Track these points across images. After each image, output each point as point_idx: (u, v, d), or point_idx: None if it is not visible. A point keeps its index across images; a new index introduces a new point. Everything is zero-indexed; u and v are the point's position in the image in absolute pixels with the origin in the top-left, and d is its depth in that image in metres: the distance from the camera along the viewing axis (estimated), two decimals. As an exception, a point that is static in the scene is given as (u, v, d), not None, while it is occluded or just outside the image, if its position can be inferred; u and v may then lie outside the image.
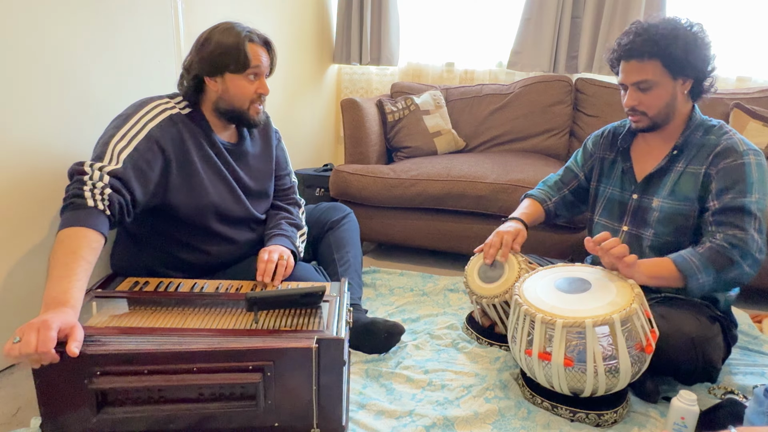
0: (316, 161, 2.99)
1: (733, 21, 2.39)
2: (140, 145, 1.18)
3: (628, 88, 1.31)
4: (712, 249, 1.21)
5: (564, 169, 1.63)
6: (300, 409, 1.00)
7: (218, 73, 1.27)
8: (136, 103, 1.26)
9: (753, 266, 1.20)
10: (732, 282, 1.22)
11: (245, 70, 1.27)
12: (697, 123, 1.32)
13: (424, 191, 2.07)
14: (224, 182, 1.36)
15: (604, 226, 1.47)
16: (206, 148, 1.32)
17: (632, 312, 1.10)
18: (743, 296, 1.88)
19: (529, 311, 1.17)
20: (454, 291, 1.86)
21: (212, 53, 1.25)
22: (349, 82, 3.11)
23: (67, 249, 1.01)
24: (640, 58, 1.26)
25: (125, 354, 0.93)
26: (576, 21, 2.53)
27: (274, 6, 2.44)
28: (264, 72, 1.33)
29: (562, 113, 2.49)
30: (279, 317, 1.10)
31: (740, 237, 1.20)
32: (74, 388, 0.93)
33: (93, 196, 1.08)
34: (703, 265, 1.19)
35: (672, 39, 1.23)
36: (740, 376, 1.38)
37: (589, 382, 1.12)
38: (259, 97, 1.33)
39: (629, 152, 1.44)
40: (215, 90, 1.29)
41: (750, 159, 1.24)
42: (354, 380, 1.33)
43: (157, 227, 1.32)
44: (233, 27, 1.28)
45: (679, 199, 1.31)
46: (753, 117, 2.18)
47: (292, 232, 1.46)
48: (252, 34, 1.29)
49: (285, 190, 1.58)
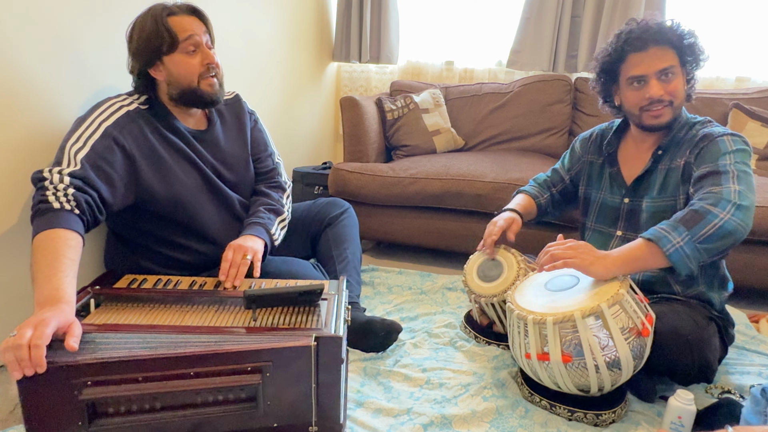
0: (315, 159, 2.99)
1: (732, 21, 2.40)
2: (96, 144, 1.17)
3: (650, 80, 1.26)
4: (683, 211, 1.16)
5: (552, 170, 1.63)
6: (298, 408, 1.00)
7: (155, 60, 1.23)
8: (93, 105, 1.24)
9: (736, 214, 1.11)
10: (717, 236, 1.10)
11: (177, 45, 1.22)
12: (682, 122, 1.33)
13: (423, 190, 2.07)
14: (194, 167, 1.33)
15: (599, 232, 1.47)
16: (170, 136, 1.29)
17: (619, 297, 1.10)
18: (741, 296, 1.89)
19: (521, 315, 1.17)
20: (453, 289, 1.87)
21: (139, 44, 1.22)
22: (349, 80, 3.11)
23: (46, 251, 0.99)
24: (660, 45, 1.24)
25: (117, 362, 0.90)
26: (576, 20, 2.53)
27: (274, 4, 2.43)
28: (202, 41, 1.25)
29: (562, 112, 2.49)
30: (277, 315, 1.09)
31: (714, 191, 1.15)
32: (63, 400, 0.88)
33: (57, 199, 1.07)
34: (672, 227, 1.13)
35: (679, 30, 1.25)
36: (737, 376, 1.38)
37: (592, 376, 1.12)
38: (208, 69, 1.27)
39: (616, 156, 1.43)
40: (162, 78, 1.26)
41: (725, 138, 1.24)
42: (352, 378, 1.33)
43: (143, 228, 1.31)
44: (150, 9, 1.23)
45: (666, 195, 1.32)
46: (752, 117, 2.18)
47: (269, 219, 1.42)
48: (172, 7, 1.23)
49: (268, 172, 1.53)
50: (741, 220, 1.11)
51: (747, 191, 1.15)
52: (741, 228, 1.11)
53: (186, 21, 1.24)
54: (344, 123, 2.35)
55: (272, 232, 1.40)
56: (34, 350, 0.83)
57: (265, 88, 2.42)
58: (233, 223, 1.42)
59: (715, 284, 1.34)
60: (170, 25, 1.22)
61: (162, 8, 1.23)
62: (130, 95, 1.30)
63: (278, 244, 1.44)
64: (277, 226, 1.44)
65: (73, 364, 0.87)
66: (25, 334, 0.83)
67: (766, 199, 1.76)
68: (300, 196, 2.48)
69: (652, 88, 1.27)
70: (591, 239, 1.50)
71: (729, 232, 1.11)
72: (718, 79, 2.49)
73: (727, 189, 1.14)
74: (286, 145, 2.64)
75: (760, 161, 2.15)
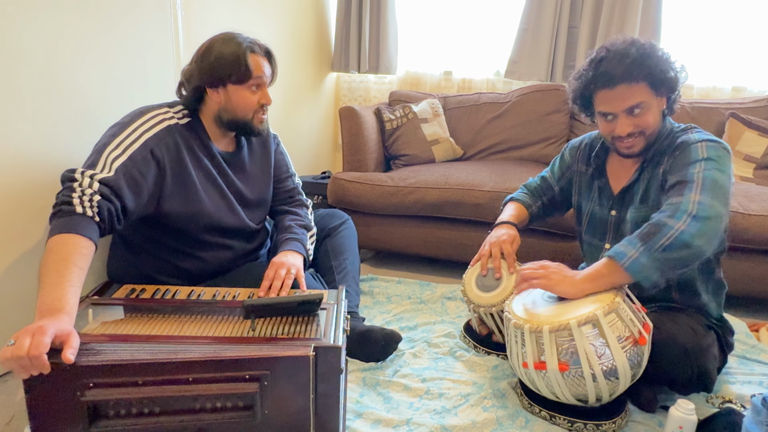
0: (314, 169, 2.99)
1: (729, 31, 2.42)
2: (135, 155, 1.18)
3: (618, 116, 1.24)
4: (644, 226, 1.15)
5: (541, 178, 1.62)
6: (296, 418, 1.00)
7: (220, 84, 1.27)
8: (135, 112, 1.26)
9: (692, 224, 1.08)
10: (674, 247, 1.08)
11: (247, 81, 1.27)
12: (666, 132, 1.30)
13: (422, 199, 2.07)
14: (219, 191, 1.36)
15: (590, 243, 1.47)
16: (202, 158, 1.32)
17: (615, 305, 1.10)
18: (740, 305, 1.88)
19: (518, 323, 1.17)
20: (452, 299, 1.86)
21: (213, 64, 1.25)
22: (348, 90, 3.12)
23: (58, 256, 1.00)
24: (629, 82, 1.20)
25: (119, 365, 0.91)
26: (573, 31, 2.55)
27: (274, 14, 2.45)
28: (266, 82, 1.32)
29: (559, 122, 2.50)
30: (276, 325, 1.09)
31: (673, 202, 1.14)
32: (66, 400, 0.90)
33: (81, 203, 1.08)
34: (628, 241, 1.14)
35: (653, 59, 1.21)
36: (738, 385, 1.38)
37: (589, 385, 1.11)
38: (262, 108, 1.33)
39: (604, 168, 1.42)
40: (217, 101, 1.29)
41: (699, 144, 1.21)
42: (351, 388, 1.33)
43: (151, 235, 1.32)
44: (235, 37, 1.27)
45: (647, 205, 1.31)
46: (748, 126, 2.19)
47: (303, 234, 1.46)
48: (254, 45, 1.29)
49: (289, 191, 1.57)
50: (698, 231, 1.08)
51: (711, 201, 1.11)
52: (698, 239, 1.08)
53: (262, 61, 1.30)
54: (343, 133, 2.36)
55: (307, 247, 1.44)
56: (35, 360, 0.84)
57: (265, 98, 2.44)
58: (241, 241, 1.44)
59: (710, 288, 1.33)
60: (249, 60, 1.26)
61: (247, 42, 1.27)
62: (170, 107, 1.31)
63: (311, 259, 1.47)
64: (309, 241, 1.48)
65: (76, 365, 0.89)
66: (24, 343, 0.84)
67: (764, 208, 1.76)
68: (299, 205, 2.48)
69: (620, 125, 1.24)
70: (586, 252, 1.51)
71: (685, 243, 1.08)
72: (714, 88, 2.51)
73: (686, 200, 1.12)
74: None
75: (758, 170, 2.16)
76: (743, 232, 1.73)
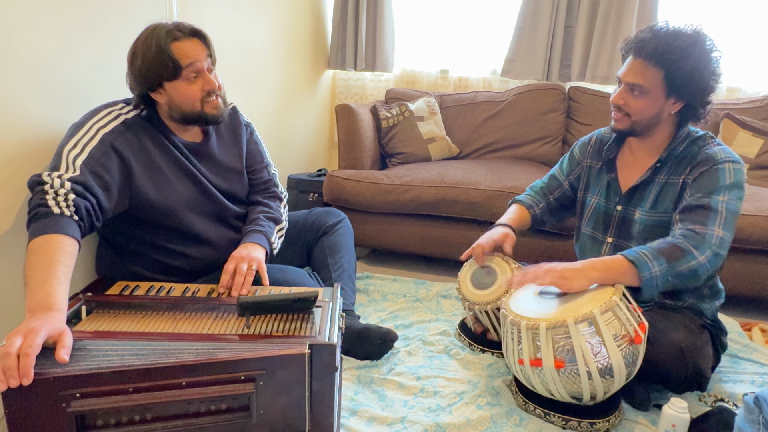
0: (310, 166, 2.99)
1: (724, 33, 2.42)
2: (94, 151, 1.16)
3: (622, 85, 1.29)
4: (666, 242, 1.19)
5: (549, 176, 1.62)
6: (291, 417, 0.99)
7: (157, 86, 1.23)
8: (89, 111, 1.24)
9: (711, 260, 1.15)
10: (687, 275, 1.16)
11: (180, 73, 1.21)
12: (683, 136, 1.31)
13: (418, 197, 2.07)
14: (191, 178, 1.33)
15: (590, 236, 1.47)
16: (168, 147, 1.29)
17: (612, 304, 1.11)
18: (733, 304, 1.90)
19: (515, 320, 1.18)
20: (447, 297, 1.86)
21: (141, 69, 1.21)
22: (344, 87, 3.12)
23: (42, 256, 0.98)
24: (647, 61, 1.22)
25: (107, 373, 0.87)
26: (569, 30, 2.56)
27: (270, 11, 2.44)
28: (203, 67, 1.24)
29: (555, 121, 2.51)
30: (271, 322, 1.09)
31: (699, 231, 1.17)
32: (50, 413, 0.85)
33: (57, 204, 1.06)
34: (653, 256, 1.16)
35: (684, 55, 1.19)
36: (730, 384, 1.39)
37: (584, 383, 1.12)
38: (209, 94, 1.26)
39: (615, 163, 1.43)
40: (163, 101, 1.26)
41: (726, 166, 1.23)
42: (346, 386, 1.33)
43: (135, 234, 1.30)
44: (155, 31, 1.21)
45: (660, 210, 1.31)
46: (742, 127, 2.20)
47: (269, 227, 1.42)
48: (175, 32, 1.20)
49: (264, 182, 1.53)
50: (712, 267, 1.16)
51: (728, 237, 1.18)
52: (709, 273, 1.17)
53: (189, 46, 1.22)
54: (339, 130, 2.35)
55: (272, 241, 1.40)
56: (24, 359, 0.81)
57: (260, 95, 2.43)
58: (227, 231, 1.42)
59: (706, 293, 1.34)
60: (173, 52, 1.20)
61: (165, 33, 1.20)
62: (127, 104, 1.29)
63: (276, 253, 1.44)
64: (275, 235, 1.44)
65: (61, 376, 0.85)
66: (15, 343, 0.82)
67: (757, 209, 1.77)
68: (295, 203, 2.48)
69: (616, 93, 1.30)
70: (584, 244, 1.51)
71: (698, 275, 1.16)
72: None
73: (711, 233, 1.17)
74: (281, 152, 2.64)
75: (752, 170, 2.17)
76: (737, 232, 1.73)
